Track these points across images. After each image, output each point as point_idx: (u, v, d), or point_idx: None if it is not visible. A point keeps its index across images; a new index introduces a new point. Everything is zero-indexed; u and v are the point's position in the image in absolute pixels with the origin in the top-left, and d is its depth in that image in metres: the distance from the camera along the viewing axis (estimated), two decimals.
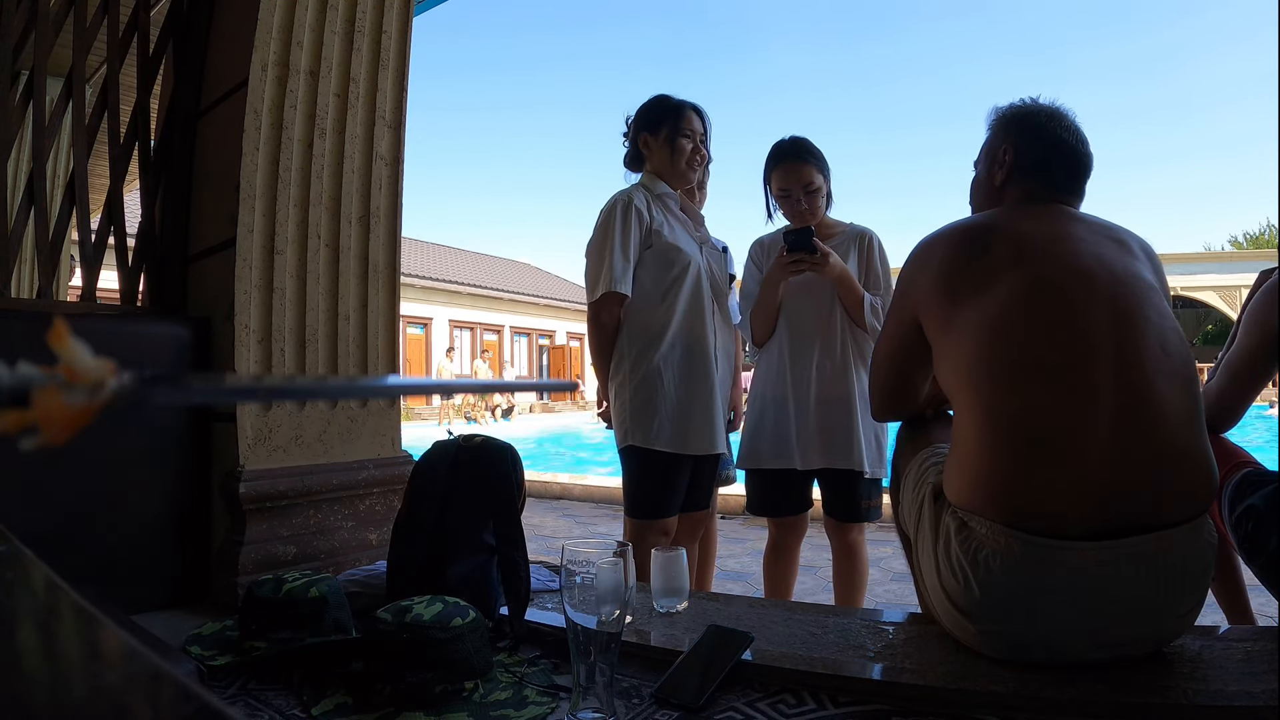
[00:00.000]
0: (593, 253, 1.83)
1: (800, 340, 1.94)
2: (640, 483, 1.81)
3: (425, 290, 19.38)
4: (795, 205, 1.95)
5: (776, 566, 2.05)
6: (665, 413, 1.77)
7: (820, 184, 1.94)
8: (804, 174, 1.93)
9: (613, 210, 1.81)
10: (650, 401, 1.77)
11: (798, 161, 1.94)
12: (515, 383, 1.14)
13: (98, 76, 2.10)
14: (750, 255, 2.12)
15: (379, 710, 0.99)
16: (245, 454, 1.51)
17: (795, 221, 1.96)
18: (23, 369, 0.30)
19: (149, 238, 1.69)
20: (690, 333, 1.82)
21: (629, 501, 1.84)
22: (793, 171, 1.94)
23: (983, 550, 1.01)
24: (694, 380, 1.81)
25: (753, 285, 2.04)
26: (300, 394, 1.48)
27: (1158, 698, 0.92)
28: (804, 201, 1.94)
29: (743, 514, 4.36)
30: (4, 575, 0.43)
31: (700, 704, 0.98)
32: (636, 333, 1.80)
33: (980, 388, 1.06)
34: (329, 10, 1.67)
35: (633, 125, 1.94)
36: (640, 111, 1.93)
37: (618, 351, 1.83)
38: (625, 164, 1.98)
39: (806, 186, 1.93)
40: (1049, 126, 1.21)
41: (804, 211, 1.95)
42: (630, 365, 1.80)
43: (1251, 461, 1.34)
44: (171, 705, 0.25)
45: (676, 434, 1.77)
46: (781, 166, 1.96)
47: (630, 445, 1.79)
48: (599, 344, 1.85)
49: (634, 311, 1.81)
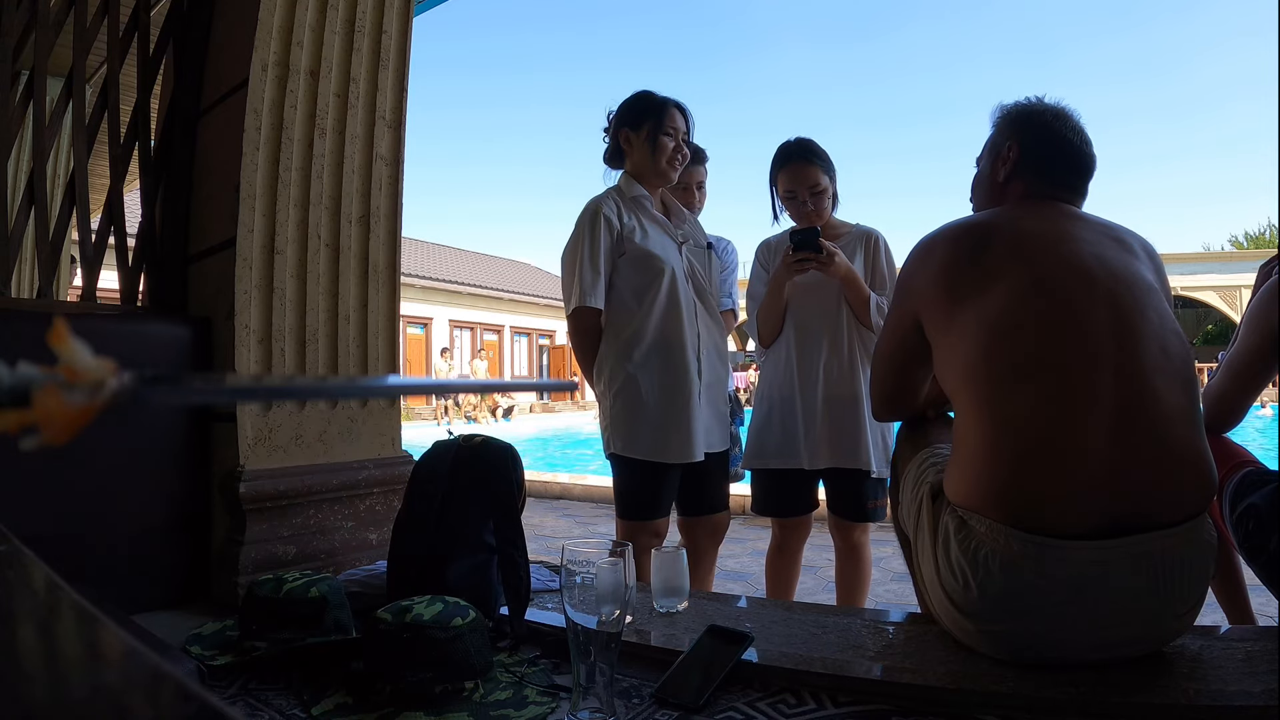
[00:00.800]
0: (565, 266, 1.83)
1: (807, 340, 1.94)
2: (627, 488, 1.82)
3: (425, 290, 19.38)
4: (801, 207, 1.95)
5: (780, 567, 2.04)
6: (643, 421, 1.75)
7: (826, 185, 1.94)
8: (809, 175, 1.93)
9: (581, 222, 1.80)
10: (629, 410, 1.76)
11: (803, 163, 1.94)
12: (515, 383, 1.15)
13: (98, 76, 2.10)
14: (756, 257, 2.12)
15: (379, 710, 0.99)
16: (245, 454, 1.51)
17: (801, 223, 1.96)
18: (23, 369, 0.30)
19: (149, 238, 1.69)
20: (667, 339, 1.78)
21: (618, 504, 1.85)
22: (798, 173, 1.94)
23: (982, 549, 1.01)
24: (672, 388, 1.77)
25: (759, 287, 2.04)
26: (300, 394, 1.48)
27: (1158, 698, 0.92)
28: (810, 203, 1.94)
29: (743, 513, 4.36)
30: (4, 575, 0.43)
31: (700, 704, 0.98)
32: (614, 341, 1.79)
33: (980, 387, 1.06)
34: (329, 10, 1.67)
35: (614, 121, 1.91)
36: (622, 107, 1.90)
37: (599, 360, 1.83)
38: (605, 160, 1.96)
39: (812, 188, 1.93)
40: (1055, 125, 1.21)
41: (810, 213, 1.95)
42: (609, 374, 1.79)
43: (1252, 461, 1.34)
44: (172, 705, 0.25)
45: (655, 443, 1.75)
46: (787, 168, 1.95)
47: (613, 453, 1.79)
48: (580, 353, 1.86)
49: (612, 319, 1.80)
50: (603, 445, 1.84)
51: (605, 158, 1.96)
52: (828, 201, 1.97)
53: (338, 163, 1.68)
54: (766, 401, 2.00)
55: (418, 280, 18.88)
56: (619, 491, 1.84)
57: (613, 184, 1.91)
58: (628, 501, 1.82)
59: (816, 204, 1.94)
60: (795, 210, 1.97)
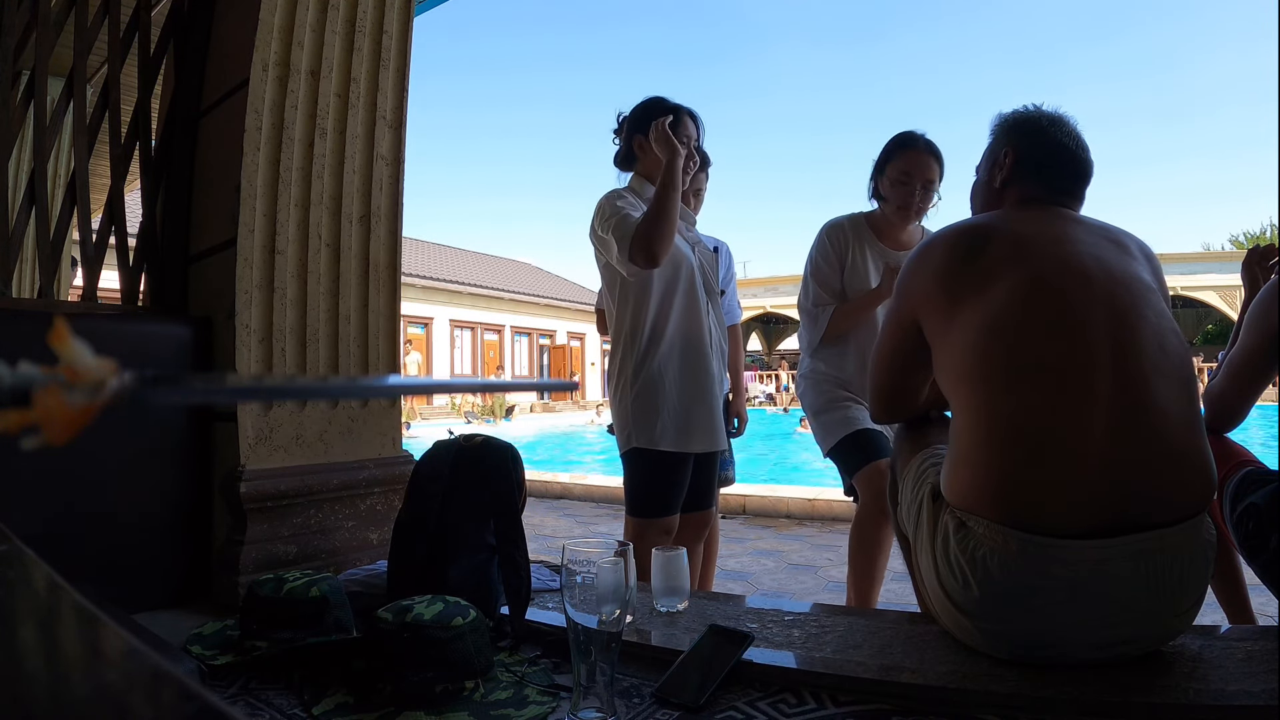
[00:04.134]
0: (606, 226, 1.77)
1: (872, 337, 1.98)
2: (645, 483, 1.82)
3: (426, 290, 19.39)
4: (909, 194, 1.97)
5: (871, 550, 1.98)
6: (667, 413, 1.78)
7: (937, 184, 1.98)
8: (930, 169, 1.97)
9: (613, 197, 1.81)
10: (652, 403, 1.78)
11: (928, 155, 1.97)
12: (515, 382, 1.15)
13: (99, 77, 2.10)
14: (826, 236, 2.09)
15: (380, 710, 0.99)
16: (246, 453, 1.51)
17: (901, 208, 1.98)
18: (24, 369, 0.30)
19: (150, 237, 1.69)
20: (688, 333, 1.84)
21: (631, 501, 1.84)
22: (921, 162, 1.97)
23: (981, 549, 1.01)
24: (694, 379, 1.82)
25: (826, 268, 2.04)
26: (301, 394, 1.48)
27: (1158, 697, 0.92)
28: (919, 194, 1.97)
29: (743, 513, 4.36)
30: (5, 575, 0.43)
31: (701, 703, 0.98)
32: (635, 336, 1.81)
33: (978, 387, 1.06)
34: (330, 10, 1.67)
35: (626, 125, 1.94)
36: (636, 112, 1.92)
37: (616, 357, 1.84)
38: (616, 163, 1.98)
39: (927, 181, 1.96)
40: (1049, 131, 1.22)
41: (916, 203, 1.97)
42: (632, 370, 1.81)
43: (1252, 460, 1.34)
44: (172, 705, 0.25)
45: (680, 433, 1.79)
46: (910, 152, 1.98)
47: (634, 448, 1.79)
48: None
49: (632, 314, 1.82)
50: (619, 443, 1.84)
51: (616, 160, 1.98)
52: (932, 199, 2.00)
53: (338, 163, 1.68)
54: (834, 381, 2.03)
55: (418, 280, 18.90)
56: (635, 488, 1.84)
57: (623, 184, 1.93)
58: (644, 497, 1.82)
59: (924, 197, 1.98)
60: (902, 195, 1.98)
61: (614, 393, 1.85)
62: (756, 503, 4.35)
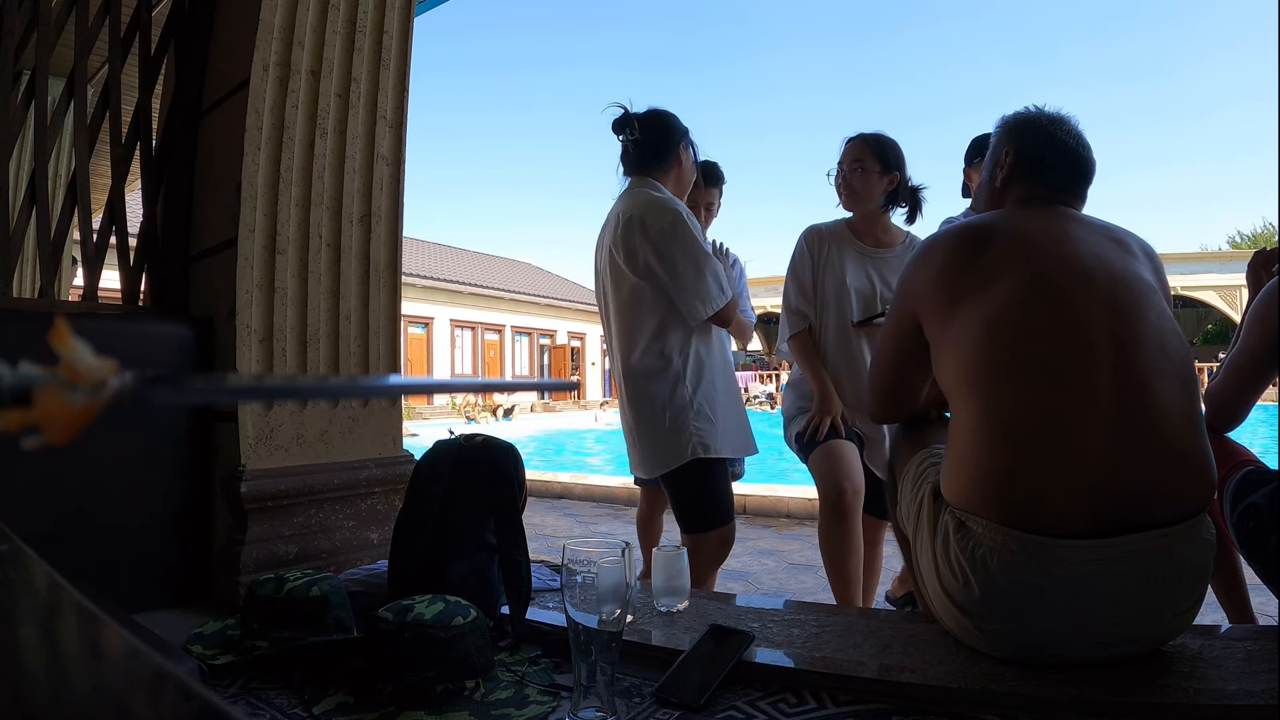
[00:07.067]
0: (687, 265, 1.78)
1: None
2: (716, 490, 1.83)
3: (426, 290, 19.40)
4: (841, 176, 2.07)
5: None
6: (728, 417, 1.85)
7: (868, 161, 2.05)
8: (855, 151, 2.07)
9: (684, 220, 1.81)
10: (711, 410, 1.83)
11: (855, 141, 2.07)
12: (515, 382, 1.14)
13: (99, 77, 2.10)
14: (803, 239, 2.13)
15: (380, 709, 0.99)
16: (247, 453, 1.51)
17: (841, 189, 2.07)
18: (24, 369, 0.30)
19: (150, 237, 1.70)
20: (722, 344, 1.95)
21: (703, 515, 1.82)
22: (848, 149, 2.08)
23: (981, 549, 1.01)
24: (731, 386, 1.92)
25: (804, 271, 2.09)
26: (302, 393, 1.48)
27: (1158, 697, 0.92)
28: (847, 173, 2.06)
29: (743, 513, 4.36)
30: (6, 574, 0.43)
31: (701, 703, 0.98)
32: (686, 351, 1.83)
33: (978, 387, 1.06)
34: (330, 10, 1.67)
35: (676, 131, 1.94)
36: (679, 122, 1.96)
37: (672, 373, 1.82)
38: (637, 156, 1.93)
39: (854, 161, 2.06)
40: (1050, 129, 1.22)
41: (848, 180, 2.06)
42: (691, 383, 1.82)
43: (1253, 460, 1.34)
44: (173, 704, 0.25)
45: (738, 439, 1.87)
46: (844, 148, 2.08)
47: (696, 459, 1.78)
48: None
49: (683, 331, 1.84)
50: (670, 458, 1.80)
51: (640, 155, 1.93)
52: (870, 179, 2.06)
53: (339, 163, 1.68)
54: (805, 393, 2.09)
55: (419, 280, 18.90)
56: (708, 497, 1.82)
57: (623, 188, 1.95)
58: (721, 504, 1.83)
59: (856, 176, 2.07)
60: (839, 180, 2.09)
61: (668, 407, 1.81)
62: (756, 503, 4.34)
